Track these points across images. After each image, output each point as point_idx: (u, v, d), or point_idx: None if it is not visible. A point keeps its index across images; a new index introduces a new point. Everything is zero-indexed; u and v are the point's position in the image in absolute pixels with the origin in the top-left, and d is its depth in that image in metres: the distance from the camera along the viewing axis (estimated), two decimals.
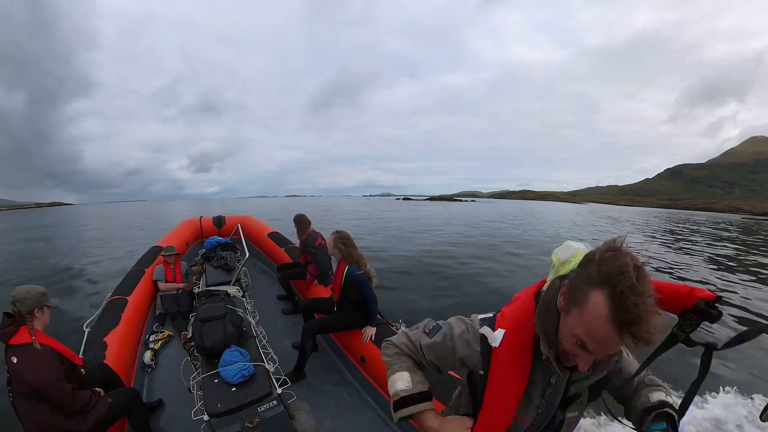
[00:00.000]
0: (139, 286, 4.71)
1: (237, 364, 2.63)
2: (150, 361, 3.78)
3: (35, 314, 2.17)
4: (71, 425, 2.12)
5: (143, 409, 2.61)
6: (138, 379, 3.51)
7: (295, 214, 5.01)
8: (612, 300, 0.69)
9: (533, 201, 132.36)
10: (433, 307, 7.17)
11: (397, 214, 35.46)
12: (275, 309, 4.98)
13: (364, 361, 3.16)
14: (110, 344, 3.30)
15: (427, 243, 15.45)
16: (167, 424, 2.98)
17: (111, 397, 2.38)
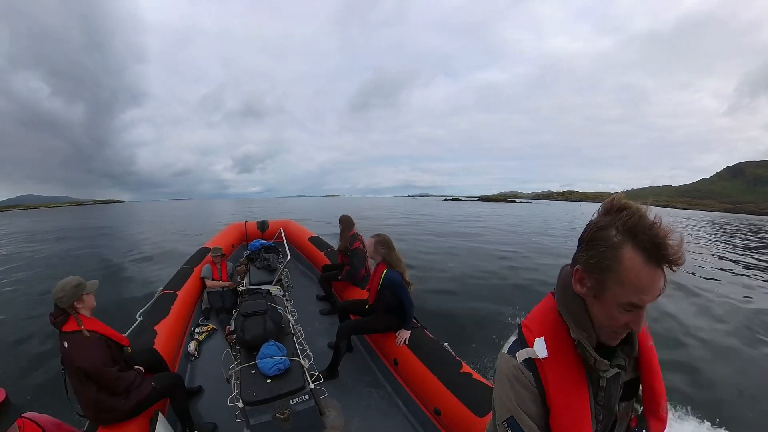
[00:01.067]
0: (188, 283, 5.08)
1: (274, 357, 2.74)
2: (194, 351, 4.04)
3: (76, 305, 2.33)
4: (114, 403, 2.31)
5: (184, 393, 2.78)
6: (182, 366, 3.76)
7: (341, 215, 5.20)
8: (641, 246, 0.72)
9: (582, 203, 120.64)
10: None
11: (469, 221, 27.42)
12: (314, 309, 5.11)
13: (397, 364, 3.14)
14: (159, 333, 3.58)
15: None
16: (204, 409, 3.17)
17: (154, 381, 2.56)
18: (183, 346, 4.06)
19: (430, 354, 2.93)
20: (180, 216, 41.16)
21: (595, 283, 0.80)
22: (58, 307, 2.29)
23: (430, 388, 2.68)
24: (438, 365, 2.77)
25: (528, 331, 0.94)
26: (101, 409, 2.28)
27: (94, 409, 2.28)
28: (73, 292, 2.29)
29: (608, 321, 0.82)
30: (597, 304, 0.82)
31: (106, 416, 2.30)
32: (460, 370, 2.64)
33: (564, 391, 0.86)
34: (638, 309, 0.77)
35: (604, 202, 0.81)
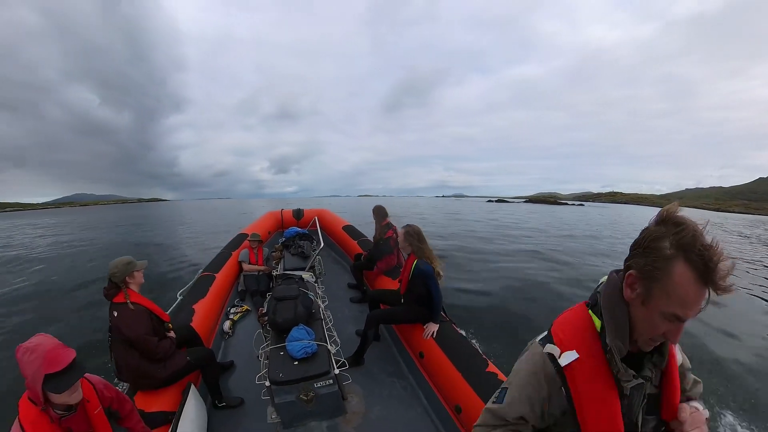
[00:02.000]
0: (226, 266, 5.33)
1: (302, 341, 2.80)
2: (228, 329, 4.26)
3: (127, 280, 2.56)
4: (152, 370, 2.52)
5: (215, 366, 2.98)
6: (216, 342, 3.97)
7: (375, 205, 5.22)
8: (692, 263, 0.75)
9: (626, 205, 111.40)
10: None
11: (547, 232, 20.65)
12: (344, 296, 5.20)
13: (422, 357, 3.11)
14: (197, 311, 3.80)
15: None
16: (234, 383, 3.35)
17: (189, 354, 2.75)
18: (218, 324, 4.27)
19: (456, 349, 2.87)
20: (219, 212, 43.55)
21: (644, 290, 0.84)
22: (112, 282, 2.52)
23: (453, 384, 2.63)
24: (463, 362, 2.70)
25: (558, 340, 0.99)
26: (140, 375, 2.49)
27: (134, 374, 2.48)
28: (125, 269, 2.53)
29: (649, 328, 0.86)
30: (642, 311, 0.86)
31: (143, 382, 2.51)
32: (485, 369, 2.56)
33: (594, 399, 0.91)
34: (680, 321, 0.82)
35: (660, 211, 0.85)
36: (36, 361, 1.43)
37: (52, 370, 1.44)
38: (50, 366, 1.44)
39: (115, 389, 1.93)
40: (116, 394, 1.91)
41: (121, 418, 1.94)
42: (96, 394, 1.75)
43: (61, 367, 1.46)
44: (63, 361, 1.47)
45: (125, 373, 2.50)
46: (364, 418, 2.83)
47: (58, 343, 1.54)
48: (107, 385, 1.88)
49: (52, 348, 1.48)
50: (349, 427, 2.74)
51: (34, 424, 1.49)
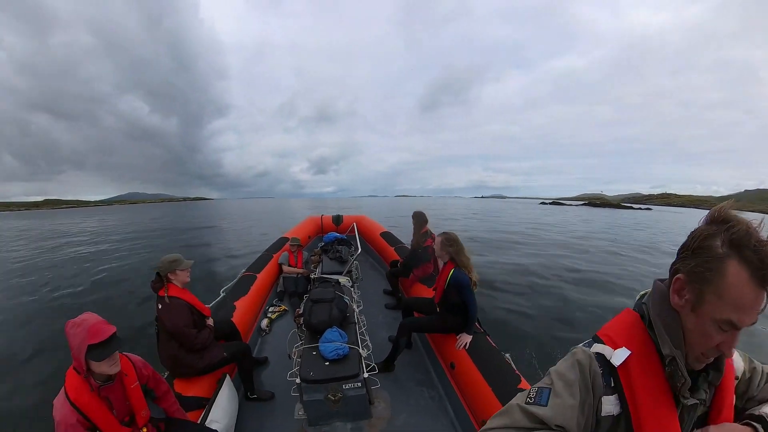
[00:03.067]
0: (267, 267, 5.60)
1: (335, 342, 2.87)
2: (265, 327, 4.47)
3: (169, 276, 2.78)
4: (190, 360, 2.72)
5: (250, 360, 3.14)
6: (253, 338, 4.18)
7: (415, 210, 5.09)
8: (747, 261, 0.67)
9: (683, 209, 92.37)
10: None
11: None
12: (379, 302, 5.22)
13: (453, 368, 3.05)
14: (238, 308, 4.03)
15: None
16: (266, 378, 3.50)
17: (226, 348, 2.93)
18: (257, 321, 4.50)
19: (488, 363, 2.78)
20: (262, 211, 45.54)
21: (694, 295, 0.75)
22: (158, 275, 2.76)
23: (483, 399, 2.54)
24: (495, 376, 2.62)
25: (609, 339, 0.88)
26: (179, 364, 2.70)
27: (173, 363, 2.70)
28: (169, 266, 2.76)
29: (701, 339, 0.76)
30: (693, 319, 0.77)
31: (181, 371, 2.72)
32: (517, 385, 2.46)
33: (652, 403, 0.80)
34: (734, 329, 0.72)
35: (711, 210, 0.77)
36: (81, 334, 1.63)
37: (94, 341, 1.63)
38: (93, 337, 1.63)
39: (152, 369, 2.10)
40: (153, 374, 2.09)
41: (156, 397, 2.12)
42: (134, 371, 1.94)
43: (101, 338, 1.65)
44: (104, 334, 1.66)
45: (166, 361, 2.73)
46: (389, 424, 2.83)
47: (101, 319, 1.73)
48: (145, 365, 2.06)
49: (96, 323, 1.68)
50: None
51: (77, 389, 1.68)
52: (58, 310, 7.26)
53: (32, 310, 7.25)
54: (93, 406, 1.69)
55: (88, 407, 1.67)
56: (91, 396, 1.70)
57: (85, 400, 1.67)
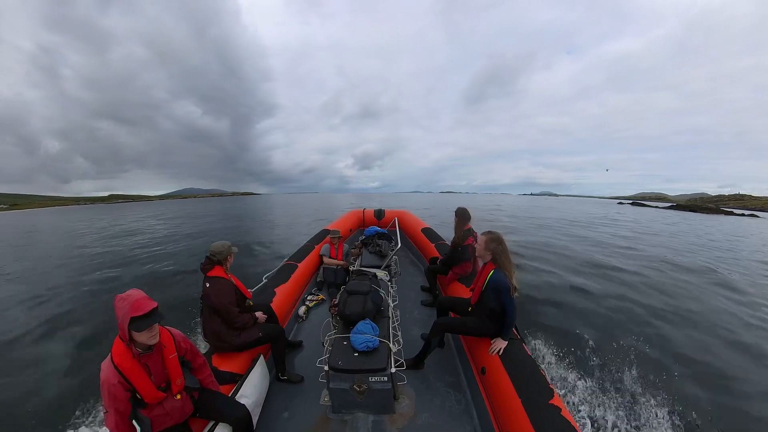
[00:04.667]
0: (308, 257, 5.83)
1: (366, 335, 2.90)
2: (302, 314, 4.66)
3: (228, 260, 3.10)
4: (228, 336, 2.97)
5: (284, 343, 3.35)
6: (290, 323, 4.39)
7: (458, 207, 4.86)
8: None
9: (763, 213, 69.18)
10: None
11: None
12: (416, 298, 5.21)
13: (484, 373, 2.94)
14: (278, 294, 4.25)
15: None
16: (298, 362, 3.67)
17: (262, 329, 3.15)
18: (295, 308, 4.70)
19: (521, 372, 2.65)
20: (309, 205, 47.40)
21: None
22: (209, 258, 3.03)
23: (510, 410, 2.43)
24: (526, 387, 2.49)
25: None
26: (219, 338, 2.96)
27: (214, 337, 2.96)
28: (227, 251, 3.09)
29: None
30: None
31: (221, 345, 2.98)
32: (548, 401, 2.32)
33: None
34: None
35: None
36: (126, 307, 1.84)
37: (136, 314, 1.84)
38: (135, 311, 1.84)
39: (191, 343, 2.30)
40: (191, 348, 2.29)
41: (193, 368, 2.32)
42: (174, 343, 2.15)
43: (143, 312, 1.85)
44: (145, 308, 1.86)
45: (208, 335, 2.98)
46: (410, 422, 2.81)
47: (145, 295, 1.93)
48: (185, 339, 2.26)
49: (139, 298, 1.89)
50: (394, 427, 2.76)
51: (121, 355, 1.90)
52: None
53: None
54: (133, 371, 1.91)
55: (129, 371, 1.89)
56: (133, 362, 1.92)
57: (127, 365, 1.90)
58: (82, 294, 8.03)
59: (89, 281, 9.19)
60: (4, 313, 6.92)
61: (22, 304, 7.50)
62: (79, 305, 7.20)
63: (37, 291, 8.38)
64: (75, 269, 10.81)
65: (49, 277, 9.97)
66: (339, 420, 2.82)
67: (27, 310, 7.05)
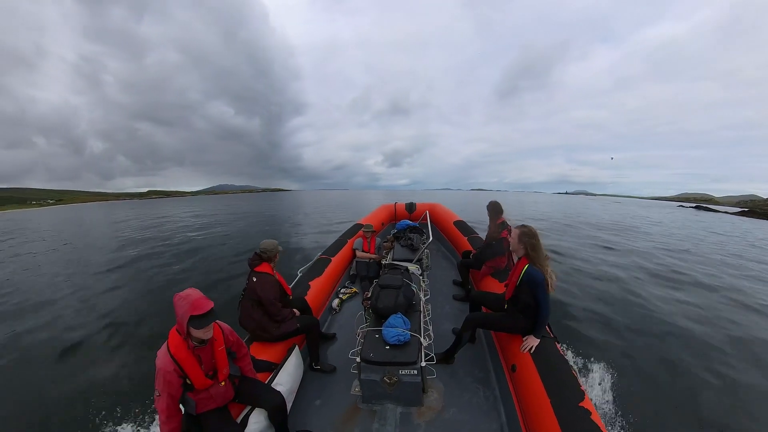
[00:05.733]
0: (342, 251, 5.96)
1: (398, 328, 2.95)
2: (336, 306, 4.80)
3: (275, 257, 3.37)
4: (269, 327, 3.19)
5: (317, 335, 3.53)
6: (324, 316, 4.53)
7: (490, 201, 4.81)
8: None
9: None
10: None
11: None
12: (448, 292, 5.17)
13: (514, 371, 2.88)
14: (312, 287, 4.40)
15: None
16: (332, 353, 3.80)
17: (299, 321, 3.34)
18: (329, 300, 4.85)
19: (552, 372, 2.59)
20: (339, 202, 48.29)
21: None
22: (258, 255, 3.28)
23: (539, 410, 2.38)
24: (556, 388, 2.42)
25: None
26: (260, 328, 3.17)
27: (255, 327, 3.17)
28: (275, 249, 3.37)
29: None
30: None
31: (261, 334, 3.19)
32: (579, 402, 2.25)
33: None
34: None
35: None
36: (185, 306, 2.02)
37: (196, 313, 2.01)
38: (195, 310, 2.01)
39: (237, 336, 2.50)
40: (237, 340, 2.50)
41: (236, 358, 2.53)
42: (223, 337, 2.34)
43: (202, 311, 2.02)
44: (204, 308, 2.04)
45: (248, 325, 3.19)
46: (438, 416, 2.83)
47: (203, 295, 2.11)
48: (232, 332, 2.46)
49: (198, 298, 2.06)
50: (421, 420, 2.79)
51: (177, 346, 2.10)
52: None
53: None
54: (188, 361, 2.11)
55: (183, 361, 2.10)
56: (188, 353, 2.12)
57: (182, 356, 2.10)
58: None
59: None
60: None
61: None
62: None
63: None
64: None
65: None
66: (368, 410, 2.91)
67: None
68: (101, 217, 38.23)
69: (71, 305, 7.32)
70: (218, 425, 2.23)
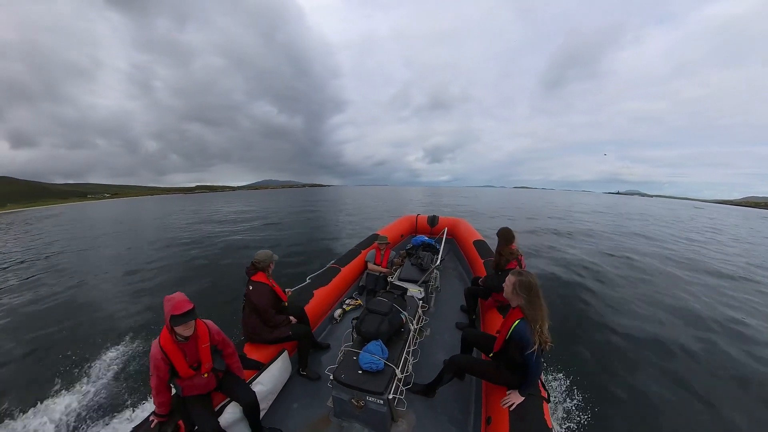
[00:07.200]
0: (353, 262, 6.02)
1: (374, 356, 3.01)
2: (338, 317, 4.90)
3: (269, 267, 3.63)
4: (263, 331, 3.46)
5: (308, 343, 3.76)
6: (323, 324, 4.67)
7: (501, 228, 4.30)
8: None
9: None
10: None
11: None
12: (453, 319, 4.91)
13: (489, 423, 2.68)
14: (316, 296, 4.53)
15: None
16: (321, 362, 3.94)
17: (292, 328, 3.63)
18: (331, 310, 4.96)
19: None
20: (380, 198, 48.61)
21: None
22: (253, 265, 3.57)
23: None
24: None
25: None
26: (253, 332, 3.46)
27: (250, 330, 3.47)
28: (268, 259, 3.65)
29: None
30: None
31: (254, 336, 3.48)
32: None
33: None
34: None
35: None
36: (168, 306, 2.40)
37: (175, 313, 2.38)
38: (175, 310, 2.39)
39: (223, 335, 2.80)
40: (223, 339, 2.80)
41: (224, 355, 2.82)
42: (208, 335, 2.66)
43: (180, 312, 2.39)
44: (182, 309, 2.40)
45: (246, 328, 3.48)
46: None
47: (185, 298, 2.45)
48: (218, 332, 2.76)
49: (180, 300, 2.43)
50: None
51: (166, 339, 2.49)
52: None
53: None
54: (173, 353, 2.47)
55: (170, 352, 2.46)
56: (174, 345, 2.48)
57: (170, 348, 2.46)
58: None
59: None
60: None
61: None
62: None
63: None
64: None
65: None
66: (338, 424, 3.02)
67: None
68: (156, 209, 42.03)
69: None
70: (198, 409, 2.59)
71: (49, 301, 8.23)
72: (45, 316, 7.24)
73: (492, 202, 44.95)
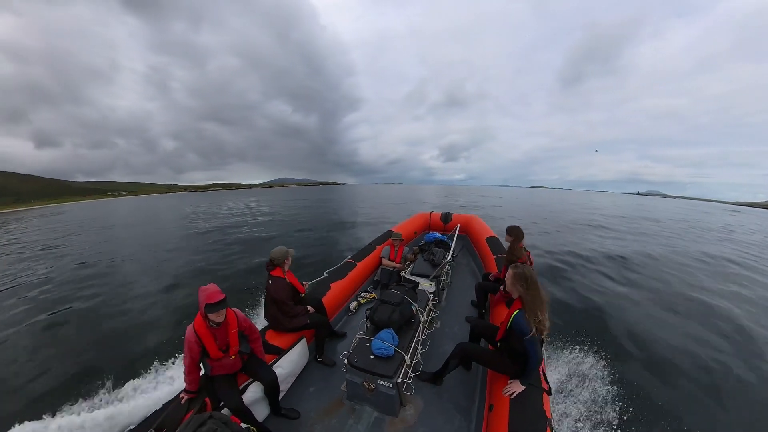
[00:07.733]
0: (368, 257, 6.29)
1: (385, 342, 3.27)
2: (353, 309, 5.18)
3: (285, 262, 3.86)
4: (283, 321, 3.75)
5: (325, 331, 4.05)
6: (340, 315, 4.96)
7: (510, 225, 4.51)
8: None
9: None
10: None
11: None
12: (462, 312, 5.13)
13: (491, 410, 2.78)
14: (332, 288, 4.83)
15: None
16: (337, 349, 4.22)
17: (310, 317, 3.93)
18: (347, 302, 5.25)
19: (522, 425, 2.44)
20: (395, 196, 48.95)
21: None
22: (271, 261, 3.84)
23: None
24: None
25: None
26: (275, 320, 3.75)
27: (271, 319, 3.77)
28: (284, 255, 3.88)
29: None
30: None
31: (275, 325, 3.77)
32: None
33: None
34: None
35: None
36: (202, 296, 2.70)
37: (209, 302, 2.67)
38: (208, 300, 2.67)
39: (250, 322, 3.09)
40: (250, 326, 3.09)
41: (250, 340, 3.11)
42: (237, 322, 2.95)
43: (213, 301, 2.67)
44: (215, 299, 2.68)
45: (268, 317, 3.77)
46: (408, 430, 3.02)
47: (218, 289, 2.73)
48: (246, 319, 3.05)
49: (213, 291, 2.71)
50: (391, 430, 3.02)
51: (199, 325, 2.77)
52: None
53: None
54: (206, 336, 2.77)
55: (203, 336, 2.76)
56: (207, 330, 2.77)
57: (203, 332, 2.76)
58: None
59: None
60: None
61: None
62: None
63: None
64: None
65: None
66: (350, 407, 3.28)
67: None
68: (172, 206, 43.46)
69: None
70: (225, 388, 2.87)
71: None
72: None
73: (511, 201, 41.60)
